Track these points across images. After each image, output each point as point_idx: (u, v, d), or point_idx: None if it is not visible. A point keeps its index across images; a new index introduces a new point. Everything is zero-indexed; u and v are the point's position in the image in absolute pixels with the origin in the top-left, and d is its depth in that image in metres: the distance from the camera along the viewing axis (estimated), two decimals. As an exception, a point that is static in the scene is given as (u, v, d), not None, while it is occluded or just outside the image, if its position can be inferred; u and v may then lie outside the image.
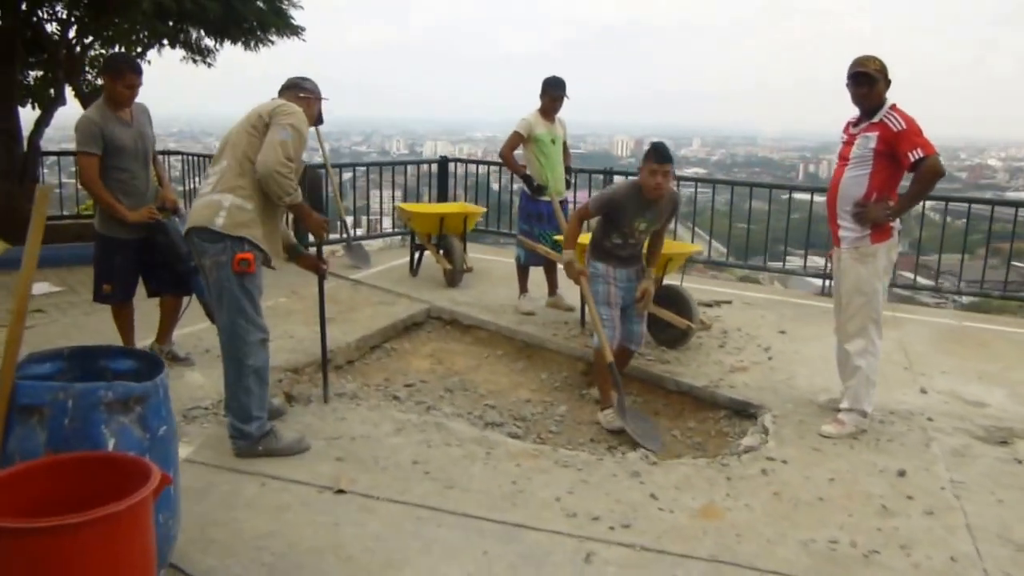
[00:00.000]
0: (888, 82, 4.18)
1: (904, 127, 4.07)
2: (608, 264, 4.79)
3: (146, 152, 4.87)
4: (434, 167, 10.07)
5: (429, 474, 3.78)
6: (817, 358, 5.61)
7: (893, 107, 4.16)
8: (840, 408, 4.41)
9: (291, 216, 4.38)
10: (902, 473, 3.89)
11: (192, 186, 10.38)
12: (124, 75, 4.64)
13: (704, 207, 10.52)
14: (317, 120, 4.14)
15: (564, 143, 6.69)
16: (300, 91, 4.04)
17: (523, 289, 6.78)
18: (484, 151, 42.40)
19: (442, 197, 9.84)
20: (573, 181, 7.30)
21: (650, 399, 5.30)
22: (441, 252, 7.59)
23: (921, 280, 8.96)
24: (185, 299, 5.03)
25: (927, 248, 9.52)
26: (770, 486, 3.76)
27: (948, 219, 9.06)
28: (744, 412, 4.84)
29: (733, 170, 47.46)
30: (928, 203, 7.90)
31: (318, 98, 4.11)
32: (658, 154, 4.47)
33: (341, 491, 3.55)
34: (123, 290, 4.90)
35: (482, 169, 10.30)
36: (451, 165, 10.08)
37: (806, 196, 8.74)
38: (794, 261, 9.35)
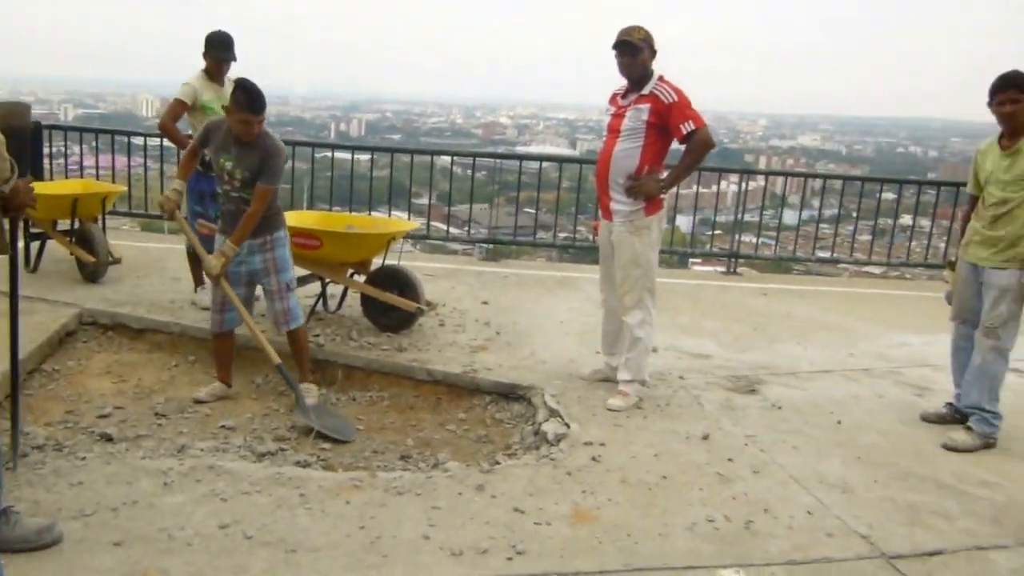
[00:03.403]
0: (654, 52, 4.20)
1: (675, 99, 4.13)
2: (224, 232, 4.41)
3: None
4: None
5: (252, 539, 2.91)
6: (540, 328, 5.65)
7: (661, 79, 4.19)
8: (621, 380, 4.41)
9: None
10: (706, 437, 4.02)
11: None
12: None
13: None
14: None
15: None
16: None
17: (199, 281, 5.70)
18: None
19: (36, 173, 7.84)
20: None
21: (397, 392, 4.81)
22: (73, 241, 6.10)
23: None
24: None
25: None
26: (610, 473, 3.61)
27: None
28: (510, 395, 4.63)
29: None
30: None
31: None
32: (245, 102, 4.07)
33: (156, 594, 2.56)
34: None
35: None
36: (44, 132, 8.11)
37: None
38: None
